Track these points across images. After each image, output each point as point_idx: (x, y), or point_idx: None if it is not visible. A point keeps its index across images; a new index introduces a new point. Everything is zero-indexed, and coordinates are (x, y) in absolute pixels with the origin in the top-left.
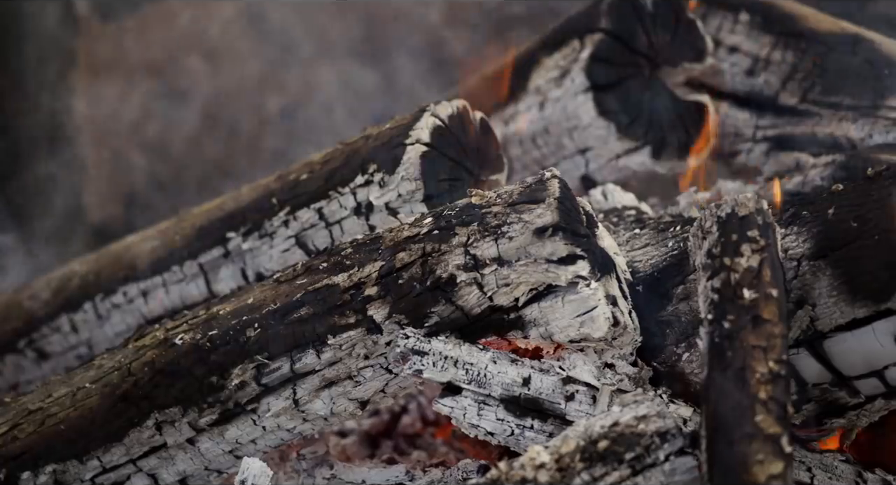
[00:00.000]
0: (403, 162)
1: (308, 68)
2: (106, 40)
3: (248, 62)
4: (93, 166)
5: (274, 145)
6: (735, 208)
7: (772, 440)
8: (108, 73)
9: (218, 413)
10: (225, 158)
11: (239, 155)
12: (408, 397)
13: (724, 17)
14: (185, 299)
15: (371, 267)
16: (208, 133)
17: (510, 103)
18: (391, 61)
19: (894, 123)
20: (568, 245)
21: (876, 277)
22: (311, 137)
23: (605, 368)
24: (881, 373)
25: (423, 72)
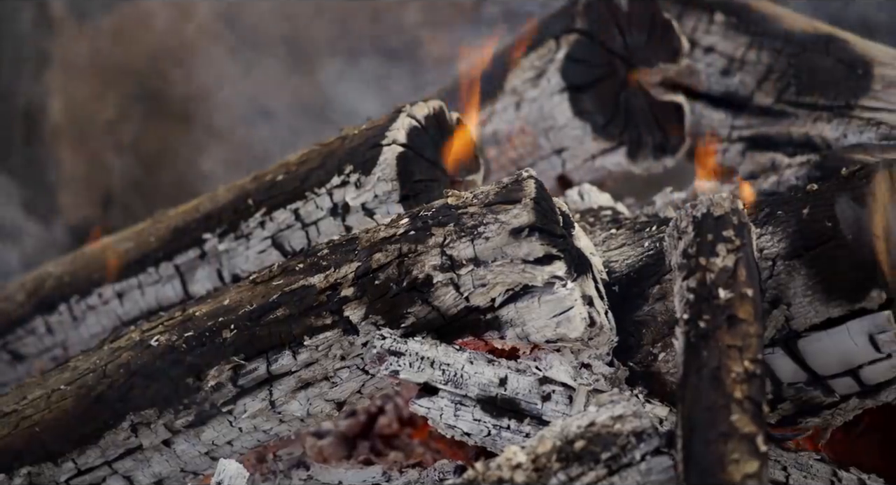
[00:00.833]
0: (380, 163)
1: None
2: (81, 41)
3: (224, 63)
4: (69, 168)
5: (250, 146)
6: (710, 208)
7: (747, 439)
8: (84, 74)
9: (194, 415)
10: (201, 160)
11: (215, 156)
12: (384, 398)
13: (700, 18)
14: (161, 301)
15: (347, 268)
16: (184, 134)
17: (486, 104)
18: (368, 61)
19: (868, 123)
20: (544, 245)
21: (850, 276)
22: (287, 138)
23: (581, 368)
24: (856, 372)
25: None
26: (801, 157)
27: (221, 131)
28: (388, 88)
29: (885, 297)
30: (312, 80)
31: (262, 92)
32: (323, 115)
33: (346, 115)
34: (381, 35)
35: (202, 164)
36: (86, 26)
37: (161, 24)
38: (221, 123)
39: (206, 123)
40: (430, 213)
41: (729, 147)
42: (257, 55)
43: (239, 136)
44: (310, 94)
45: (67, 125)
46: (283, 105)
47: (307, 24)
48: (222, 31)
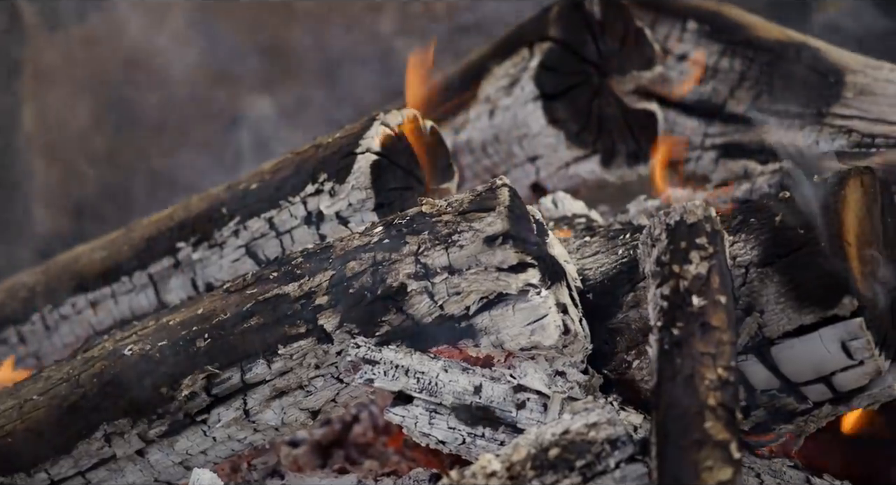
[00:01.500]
0: (354, 171)
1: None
2: (53, 50)
3: (198, 71)
4: (41, 176)
5: (224, 155)
6: (684, 216)
7: (721, 447)
8: (56, 82)
9: (168, 424)
10: (174, 168)
11: (189, 165)
12: (359, 407)
13: (673, 26)
14: (135, 310)
15: (321, 276)
16: (157, 143)
17: (460, 112)
18: (342, 70)
19: (840, 131)
20: (518, 253)
21: (822, 283)
22: (261, 146)
23: (556, 375)
24: (828, 379)
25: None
26: (774, 164)
27: (195, 140)
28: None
29: (856, 304)
30: (286, 87)
31: (235, 100)
32: (297, 124)
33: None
34: (356, 42)
35: (175, 172)
36: (57, 34)
37: (134, 31)
38: (195, 131)
39: (180, 132)
40: (404, 221)
41: (702, 155)
42: (231, 62)
43: (213, 144)
44: (284, 102)
45: (39, 134)
46: (256, 113)
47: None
48: (195, 39)
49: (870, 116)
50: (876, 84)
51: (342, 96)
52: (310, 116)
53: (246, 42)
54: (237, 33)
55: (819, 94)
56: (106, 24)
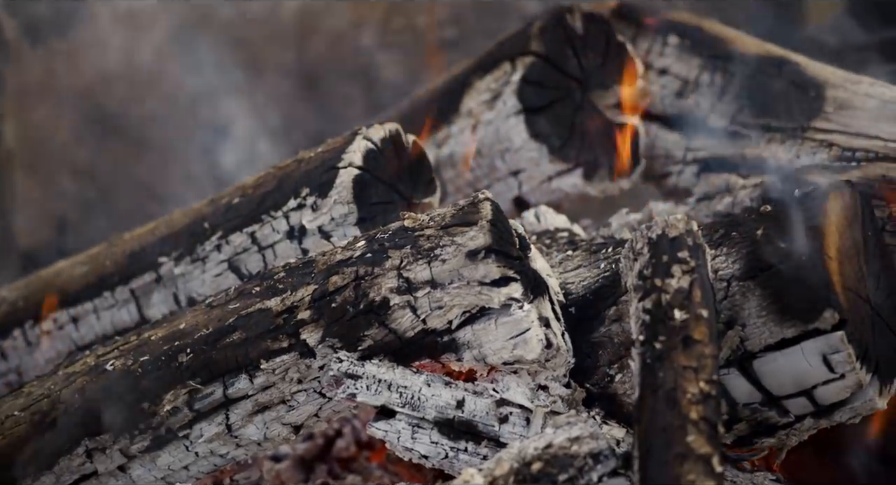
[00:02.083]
0: (336, 185)
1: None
2: (35, 65)
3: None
4: (23, 192)
5: (206, 170)
6: (665, 230)
7: (703, 460)
8: (38, 97)
9: (150, 440)
10: (157, 183)
11: (171, 179)
12: (342, 421)
13: (654, 40)
14: (117, 325)
15: (304, 291)
16: (140, 157)
17: (443, 126)
18: (324, 85)
19: (821, 145)
20: (500, 267)
21: (804, 297)
22: (243, 161)
23: (538, 389)
24: (810, 392)
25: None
26: (755, 178)
27: (177, 154)
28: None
29: (838, 317)
30: (269, 102)
31: (218, 114)
32: (280, 138)
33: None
34: (339, 57)
35: (158, 187)
36: (39, 49)
37: (116, 46)
38: (177, 145)
39: (162, 146)
40: (386, 235)
41: (684, 169)
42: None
43: (195, 159)
44: (266, 117)
45: (21, 149)
46: (239, 127)
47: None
48: (177, 53)
49: (850, 131)
50: (856, 98)
51: (325, 111)
52: (292, 131)
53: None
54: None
55: (800, 108)
56: (87, 38)
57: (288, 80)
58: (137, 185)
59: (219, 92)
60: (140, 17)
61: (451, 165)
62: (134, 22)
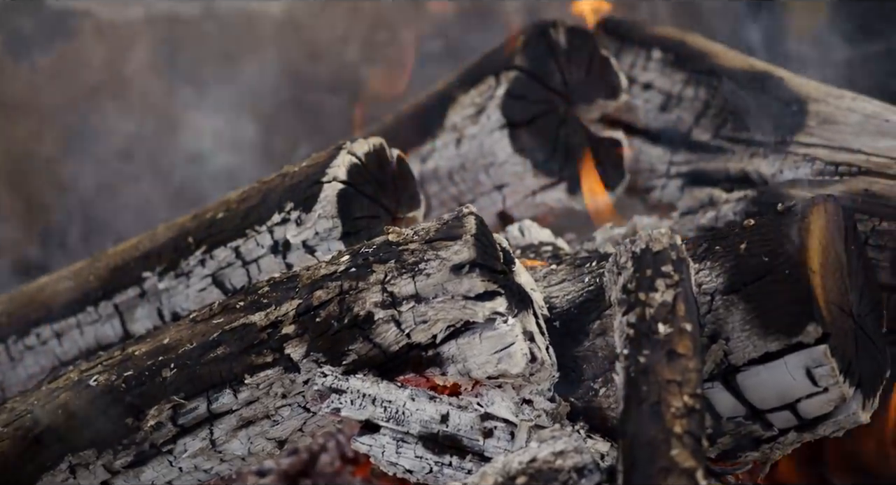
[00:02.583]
0: (320, 200)
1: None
2: (18, 80)
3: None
4: (6, 206)
5: (190, 184)
6: (649, 244)
7: (687, 474)
8: (22, 112)
9: (133, 455)
10: (141, 198)
11: (155, 194)
12: (326, 436)
13: (638, 55)
14: (101, 340)
15: (288, 305)
16: (123, 172)
17: (427, 140)
18: (309, 100)
19: (804, 159)
20: (485, 282)
21: (787, 310)
22: (227, 175)
23: (523, 404)
24: (794, 406)
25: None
26: (738, 192)
27: (161, 169)
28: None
29: (821, 331)
30: (253, 116)
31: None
32: (263, 152)
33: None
34: (322, 72)
35: (142, 202)
36: (23, 65)
37: (99, 62)
38: (161, 160)
39: (147, 161)
40: (370, 250)
41: (667, 183)
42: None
43: (179, 173)
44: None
45: (5, 163)
46: (223, 142)
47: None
48: (162, 69)
49: (833, 145)
50: (838, 113)
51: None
52: (276, 145)
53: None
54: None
55: (782, 122)
56: (71, 54)
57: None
58: (121, 200)
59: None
60: (123, 32)
61: (435, 179)
62: (117, 37)
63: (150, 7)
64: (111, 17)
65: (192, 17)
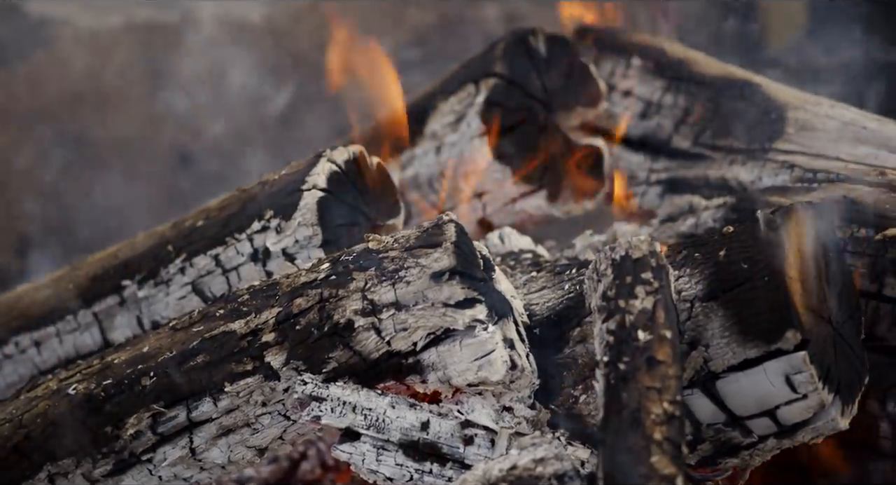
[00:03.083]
0: (300, 208)
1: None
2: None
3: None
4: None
5: (170, 192)
6: (629, 251)
7: (667, 481)
8: (1, 119)
9: (112, 464)
10: (120, 206)
11: (135, 202)
12: (307, 444)
13: (617, 62)
14: (80, 349)
15: (268, 313)
16: (103, 180)
17: (407, 148)
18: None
19: (783, 166)
20: (465, 289)
21: (766, 317)
22: (207, 183)
23: (503, 411)
24: (773, 412)
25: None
26: (718, 199)
27: (141, 176)
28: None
29: (800, 338)
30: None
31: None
32: (243, 160)
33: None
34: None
35: (121, 209)
36: (1, 71)
37: (78, 69)
38: (141, 168)
39: (126, 169)
40: (351, 257)
41: (647, 190)
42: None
43: (159, 181)
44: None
45: None
46: (202, 150)
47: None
48: (141, 76)
49: (811, 152)
50: (816, 120)
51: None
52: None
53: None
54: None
55: (761, 129)
56: (50, 62)
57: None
58: (101, 207)
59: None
60: (103, 38)
61: (415, 187)
62: (96, 44)
63: (130, 14)
64: (90, 24)
65: (171, 24)
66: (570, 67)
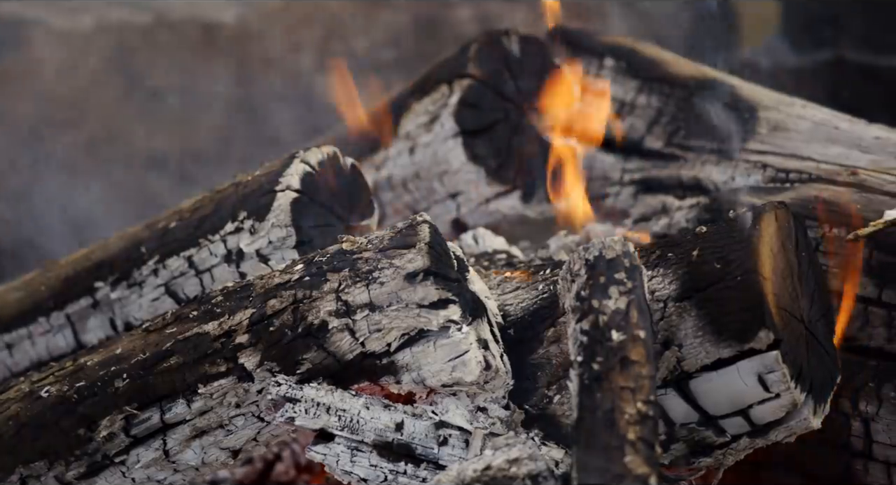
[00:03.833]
0: (274, 209)
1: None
2: None
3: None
4: None
5: (142, 194)
6: (602, 251)
7: (641, 481)
8: None
9: (85, 466)
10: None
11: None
12: (281, 445)
13: (590, 63)
14: (52, 351)
15: (242, 315)
16: (74, 183)
17: (381, 149)
18: (262, 108)
19: (755, 166)
20: (439, 290)
21: (739, 317)
22: (181, 184)
23: (477, 411)
24: (746, 412)
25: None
26: (691, 199)
27: (112, 178)
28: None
29: (773, 337)
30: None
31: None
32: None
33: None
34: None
35: (94, 212)
36: None
37: (49, 71)
38: (113, 170)
39: (98, 171)
40: (325, 258)
41: (621, 190)
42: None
43: (131, 183)
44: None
45: None
46: (175, 151)
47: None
48: (112, 77)
49: (783, 152)
50: (789, 120)
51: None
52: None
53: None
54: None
55: (734, 129)
56: (21, 64)
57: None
58: (72, 209)
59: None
60: (75, 40)
61: (389, 188)
62: (67, 45)
63: (102, 15)
64: (62, 25)
65: (144, 25)
66: (544, 68)
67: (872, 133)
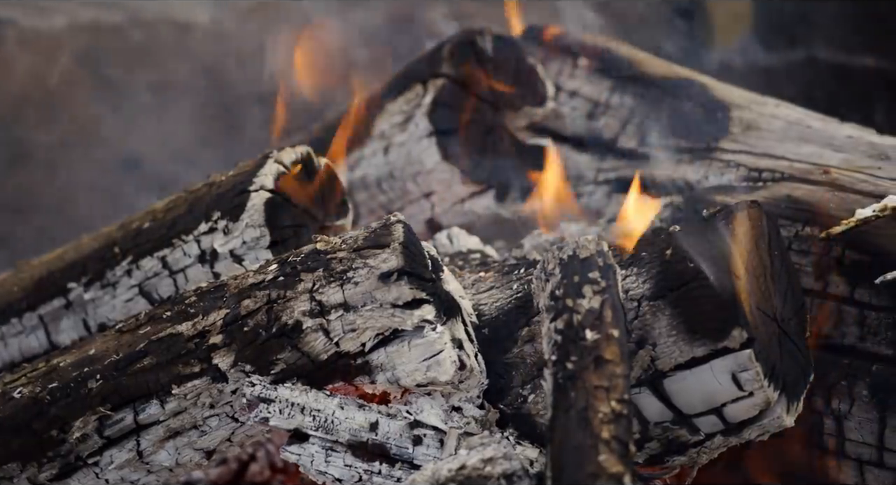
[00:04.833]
0: (248, 209)
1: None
2: None
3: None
4: None
5: (115, 193)
6: (576, 250)
7: (615, 479)
8: None
9: (58, 467)
10: (66, 208)
11: (80, 205)
12: (255, 445)
13: (564, 62)
14: (25, 352)
15: (216, 315)
16: (48, 182)
17: (355, 149)
18: (236, 107)
19: (728, 165)
20: (413, 289)
21: (712, 316)
22: (154, 184)
23: (452, 411)
24: (720, 410)
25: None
26: (665, 198)
27: (87, 179)
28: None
29: (746, 336)
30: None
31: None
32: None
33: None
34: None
35: (67, 212)
36: None
37: (22, 70)
38: (87, 170)
39: (71, 171)
40: (299, 258)
41: (595, 189)
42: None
43: (104, 183)
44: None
45: None
46: (149, 151)
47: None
48: (86, 76)
49: (756, 151)
50: (761, 119)
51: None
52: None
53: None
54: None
55: (707, 129)
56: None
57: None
58: (46, 210)
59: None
60: (47, 40)
61: (363, 188)
62: (41, 44)
63: (74, 15)
64: (34, 24)
65: (116, 24)
66: (517, 68)
67: (845, 132)
